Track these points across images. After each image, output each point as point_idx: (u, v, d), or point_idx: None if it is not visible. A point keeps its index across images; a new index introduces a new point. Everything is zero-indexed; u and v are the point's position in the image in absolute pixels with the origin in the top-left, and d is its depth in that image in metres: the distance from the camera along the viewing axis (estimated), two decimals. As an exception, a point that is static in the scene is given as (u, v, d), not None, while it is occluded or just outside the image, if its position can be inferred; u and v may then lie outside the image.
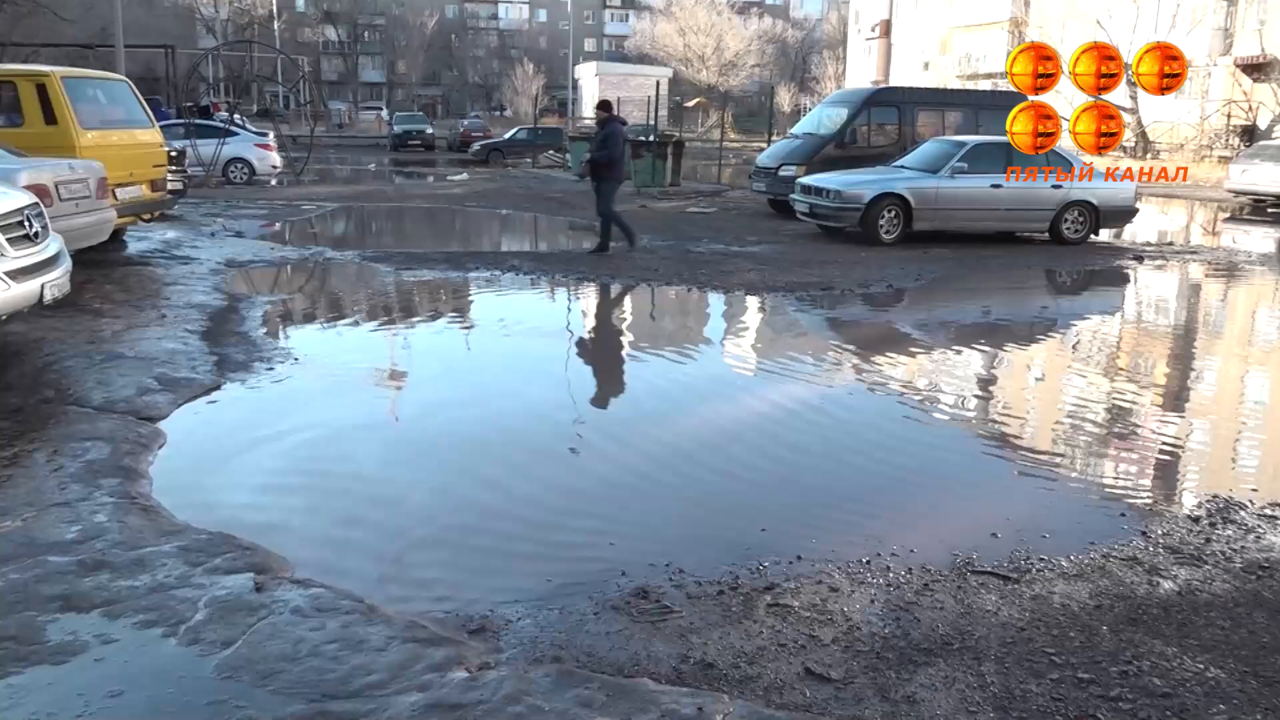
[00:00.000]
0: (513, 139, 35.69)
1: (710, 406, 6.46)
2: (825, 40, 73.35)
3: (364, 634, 3.19)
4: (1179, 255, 14.56)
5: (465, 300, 10.11)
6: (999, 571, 3.86)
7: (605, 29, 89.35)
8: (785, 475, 5.15)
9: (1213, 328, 10.35)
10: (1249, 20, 36.83)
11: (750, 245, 13.45)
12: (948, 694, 2.99)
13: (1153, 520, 4.51)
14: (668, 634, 3.33)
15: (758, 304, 9.99)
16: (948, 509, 4.76)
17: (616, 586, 3.66)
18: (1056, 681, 3.07)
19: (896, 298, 10.48)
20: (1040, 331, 9.60)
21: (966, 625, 3.43)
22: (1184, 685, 3.07)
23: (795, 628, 3.38)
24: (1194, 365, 8.50)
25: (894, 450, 5.70)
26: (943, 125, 17.33)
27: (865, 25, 62.27)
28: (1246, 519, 4.49)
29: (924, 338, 9.04)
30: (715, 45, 68.21)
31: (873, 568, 3.87)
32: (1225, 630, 3.44)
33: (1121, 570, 3.91)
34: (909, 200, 13.20)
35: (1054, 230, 13.94)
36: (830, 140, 17.01)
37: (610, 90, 44.70)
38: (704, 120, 58.18)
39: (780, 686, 3.02)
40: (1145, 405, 6.93)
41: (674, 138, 25.34)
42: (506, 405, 6.26)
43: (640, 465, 5.23)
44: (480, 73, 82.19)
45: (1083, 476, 5.34)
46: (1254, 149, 24.60)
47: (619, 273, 11.11)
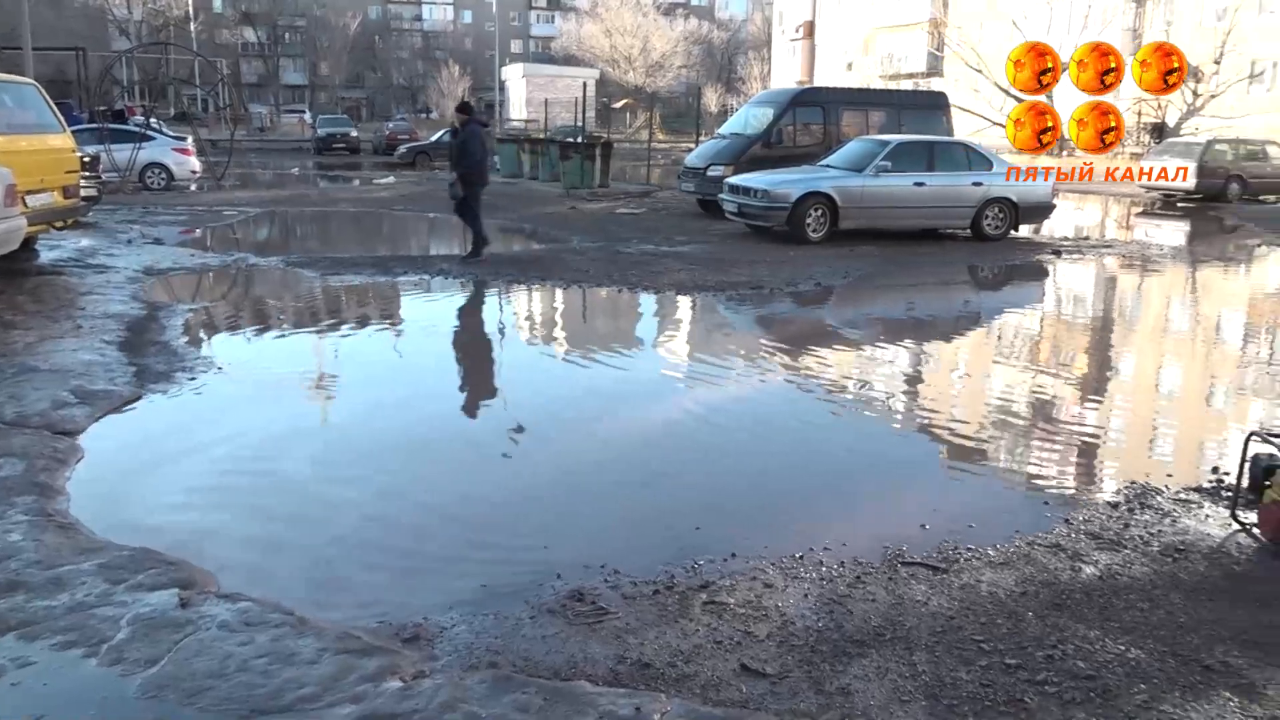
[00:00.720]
0: (440, 141, 35.27)
1: (643, 407, 6.47)
2: (750, 41, 74.04)
3: (294, 647, 3.13)
4: (1095, 249, 14.99)
5: (394, 305, 9.99)
6: (928, 562, 3.93)
7: (531, 30, 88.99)
8: (719, 473, 5.18)
9: (1128, 319, 10.68)
10: (1156, 21, 38.10)
11: (680, 245, 13.51)
12: (881, 684, 3.04)
13: (1074, 508, 4.64)
14: (604, 635, 3.33)
15: (689, 304, 10.04)
16: (878, 502, 4.84)
17: (552, 589, 3.65)
18: (985, 668, 3.13)
19: (825, 295, 10.61)
20: (964, 326, 9.81)
21: (898, 616, 3.49)
22: (1106, 667, 3.16)
23: (731, 625, 3.40)
24: (1111, 356, 8.76)
25: (825, 445, 5.78)
26: (866, 125, 17.60)
27: (789, 26, 62.95)
28: (1163, 504, 4.64)
29: (852, 334, 9.18)
30: (642, 46, 68.38)
31: (806, 562, 3.91)
32: (1144, 612, 3.55)
33: (1045, 557, 4.01)
34: (835, 199, 13.38)
35: (975, 226, 14.25)
36: (757, 140, 17.16)
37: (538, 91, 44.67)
38: (632, 121, 58.22)
39: (717, 684, 3.04)
40: (1066, 396, 7.13)
41: (602, 139, 25.38)
42: (438, 409, 6.21)
43: (574, 467, 5.22)
44: (405, 74, 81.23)
45: (1008, 467, 5.48)
46: (1163, 145, 25.46)
47: (549, 274, 11.07)
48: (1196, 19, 36.20)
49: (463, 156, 11.69)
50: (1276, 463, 4.24)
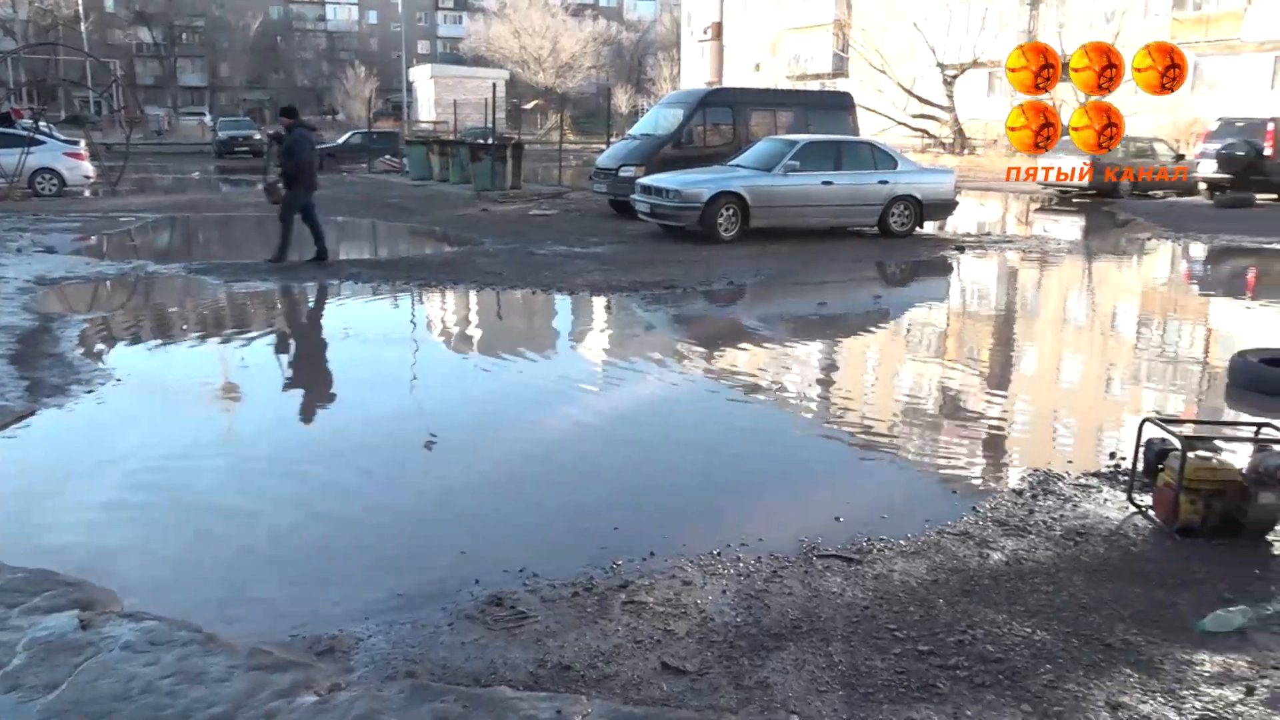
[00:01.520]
0: (346, 144, 34.62)
1: (558, 409, 6.44)
2: (659, 42, 74.32)
3: (203, 665, 3.04)
4: (996, 244, 15.44)
5: (303, 310, 9.78)
6: (843, 554, 4.00)
7: (439, 31, 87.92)
8: (637, 473, 5.20)
9: (1030, 312, 11.03)
10: (1049, 23, 39.39)
11: (593, 246, 13.51)
12: (799, 676, 3.08)
13: (982, 496, 4.78)
14: (524, 640, 3.31)
15: (603, 304, 10.04)
16: (794, 497, 4.91)
17: (470, 595, 3.62)
18: (899, 656, 3.20)
19: (738, 294, 10.72)
20: (874, 321, 10.01)
21: (814, 608, 3.54)
22: (1014, 649, 3.26)
23: (650, 623, 3.41)
24: (1014, 348, 9.04)
25: (741, 442, 5.84)
26: (775, 125, 17.82)
27: (697, 27, 63.43)
28: (1064, 489, 4.81)
29: (766, 332, 9.29)
30: (551, 47, 68.13)
31: (724, 558, 3.94)
32: (1049, 594, 3.67)
33: (955, 545, 4.11)
34: (746, 198, 13.52)
35: (882, 224, 14.55)
36: (668, 141, 17.25)
37: (446, 93, 44.21)
38: (543, 122, 58.04)
39: (637, 683, 3.05)
40: (972, 387, 7.33)
41: (513, 140, 25.21)
42: (348, 416, 6.09)
43: (490, 471, 5.17)
44: (309, 76, 79.53)
45: (918, 458, 5.61)
46: (1059, 143, 26.29)
47: (462, 277, 10.97)
48: (1087, 21, 37.52)
49: (287, 159, 11.43)
50: (1169, 447, 4.42)
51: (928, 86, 39.72)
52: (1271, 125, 21.27)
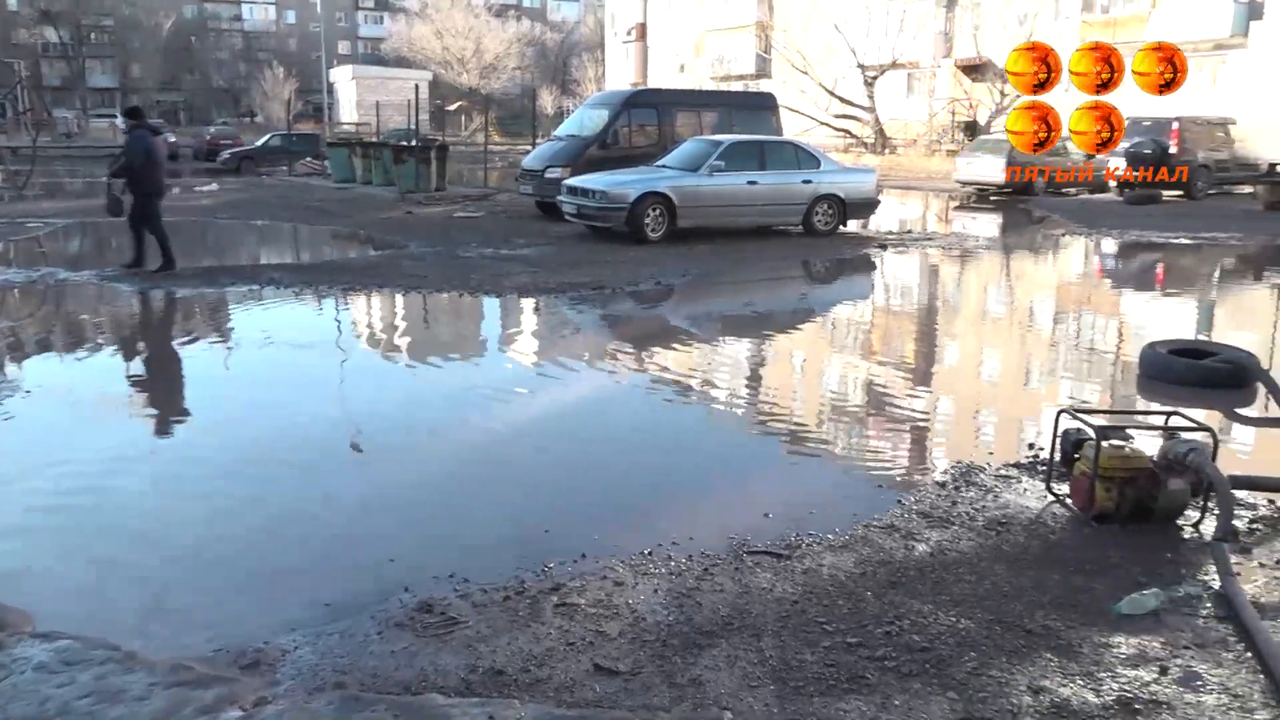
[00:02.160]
0: (266, 146, 33.91)
1: (488, 411, 6.40)
2: (584, 43, 74.28)
3: (122, 684, 2.95)
4: (918, 242, 15.76)
5: (223, 317, 9.55)
6: (773, 550, 4.04)
7: (359, 31, 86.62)
8: (567, 475, 5.18)
9: (951, 307, 11.27)
10: (965, 25, 40.31)
11: (520, 248, 13.44)
12: (730, 672, 3.10)
13: (907, 489, 4.87)
14: (455, 646, 3.28)
15: (532, 306, 10.00)
16: (724, 494, 4.94)
17: (399, 602, 3.57)
18: (829, 649, 3.25)
19: (666, 294, 10.76)
20: (801, 319, 10.14)
21: (745, 604, 3.57)
22: (940, 638, 3.32)
23: (583, 625, 3.41)
24: (937, 343, 9.23)
25: (672, 441, 5.86)
26: (700, 125, 17.92)
27: (621, 28, 63.49)
28: (985, 480, 4.92)
29: (694, 331, 9.35)
30: (475, 48, 67.62)
31: (655, 558, 3.96)
32: (972, 584, 3.76)
33: (881, 538, 4.18)
34: (672, 199, 13.57)
35: (806, 223, 14.72)
36: (594, 141, 17.23)
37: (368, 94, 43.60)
38: (467, 123, 57.60)
39: (570, 685, 3.04)
40: (897, 383, 7.46)
41: (437, 142, 24.97)
42: (275, 424, 5.97)
43: (418, 477, 5.12)
44: (226, 76, 77.69)
45: (845, 453, 5.70)
46: (976, 143, 26.96)
47: (387, 281, 10.82)
48: (1001, 24, 38.48)
49: (115, 162, 11.04)
50: (1084, 437, 4.56)
51: (849, 87, 40.34)
52: (1176, 124, 22.05)
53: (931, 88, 41.18)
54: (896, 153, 37.29)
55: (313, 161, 30.32)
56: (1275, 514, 4.51)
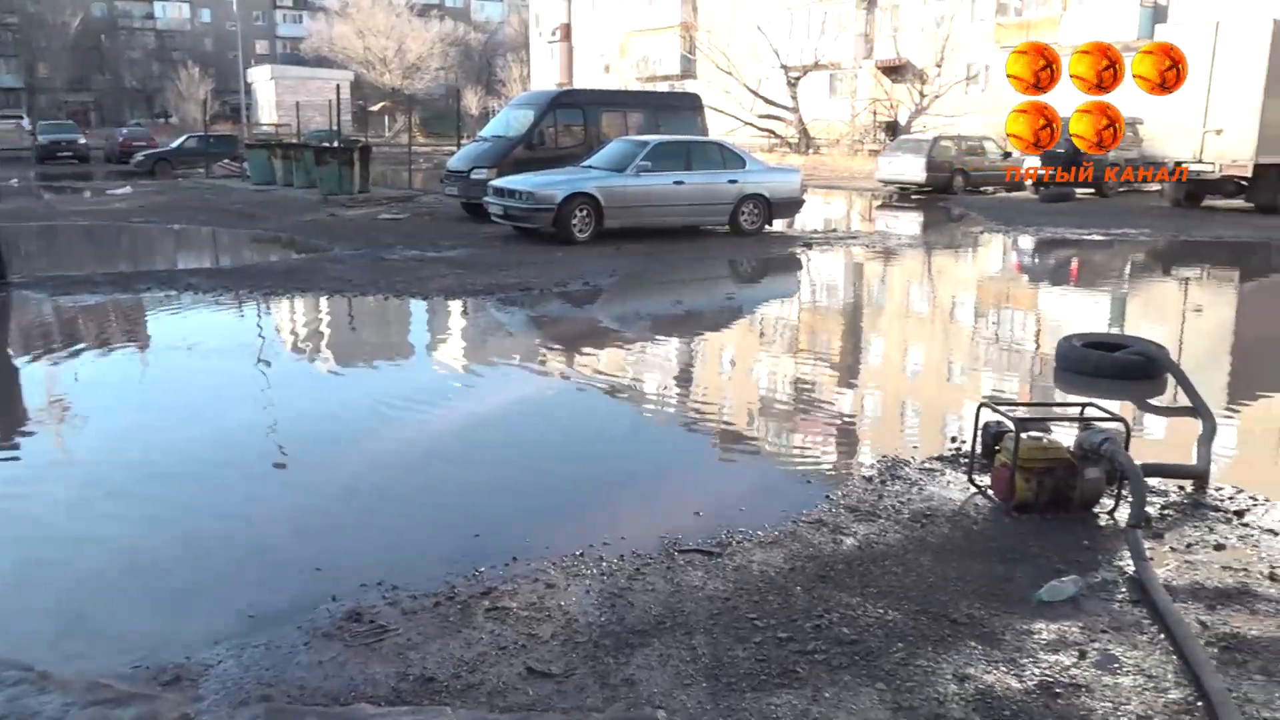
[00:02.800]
0: (182, 148, 33.06)
1: (416, 416, 6.32)
2: (508, 43, 73.80)
3: (35, 705, 2.85)
4: (842, 240, 16.00)
5: (140, 324, 9.28)
6: (703, 548, 4.06)
7: (278, 30, 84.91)
8: (497, 478, 5.15)
9: (875, 304, 11.47)
10: (885, 27, 41.07)
11: (446, 250, 13.31)
12: (663, 671, 3.11)
13: (834, 484, 4.93)
14: (385, 654, 3.23)
15: (459, 308, 9.91)
16: (655, 494, 4.96)
17: (327, 612, 3.51)
18: (760, 644, 3.28)
19: (594, 294, 10.76)
20: (729, 318, 10.21)
21: (677, 603, 3.58)
22: (868, 630, 3.38)
23: (515, 629, 3.39)
24: (862, 339, 9.38)
25: (601, 442, 5.86)
26: (625, 126, 17.95)
27: (546, 29, 63.31)
28: (910, 474, 5.02)
29: (623, 331, 9.35)
30: (397, 48, 66.77)
31: (586, 559, 3.95)
32: (899, 575, 3.82)
33: (810, 533, 4.24)
34: (599, 199, 13.57)
35: (733, 222, 14.84)
36: (519, 142, 17.14)
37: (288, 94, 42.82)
38: (391, 124, 56.83)
39: (503, 690, 3.02)
40: (824, 379, 7.56)
41: (360, 143, 24.60)
42: (195, 433, 5.81)
43: (345, 483, 5.03)
44: (138, 76, 75.58)
45: (774, 450, 5.77)
46: (897, 143, 27.49)
47: (310, 285, 10.63)
48: (919, 25, 39.29)
49: None
50: (1004, 429, 4.67)
51: (773, 88, 40.80)
52: (1087, 124, 22.71)
53: (853, 88, 41.88)
54: (820, 152, 37.81)
55: (231, 163, 29.66)
56: (1185, 500, 4.68)
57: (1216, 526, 4.35)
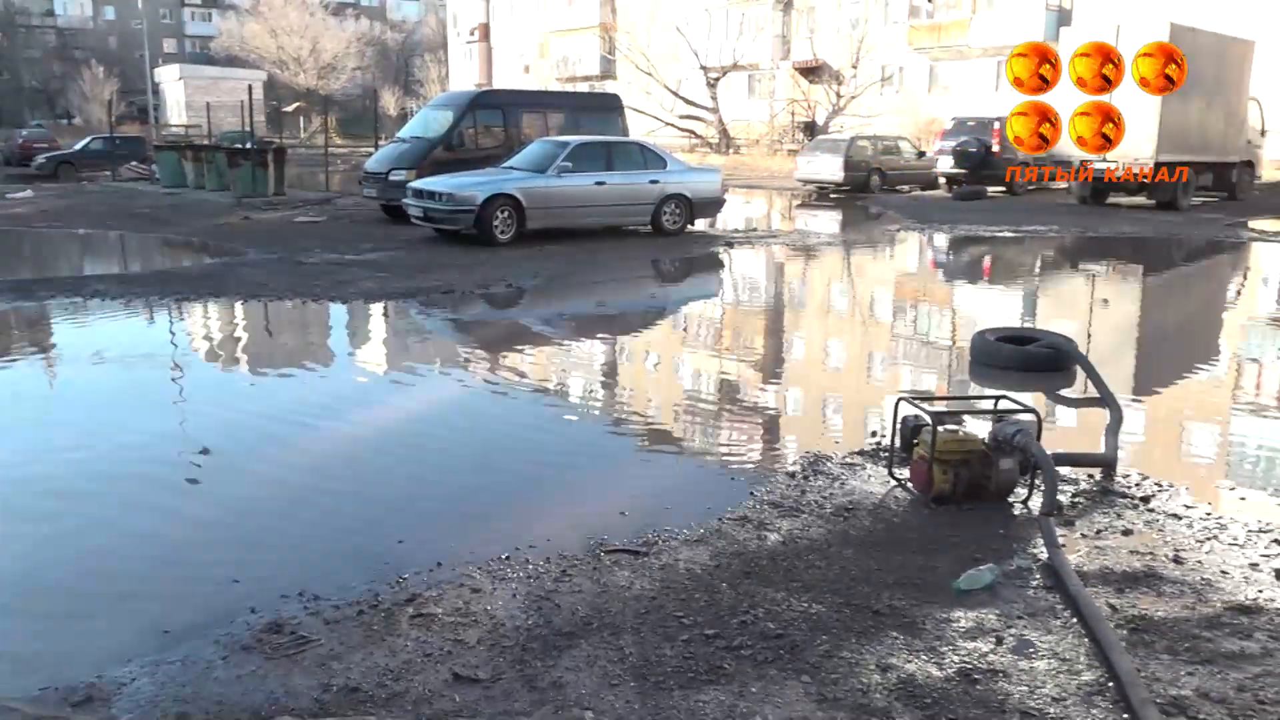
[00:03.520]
0: (86, 150, 31.94)
1: (335, 422, 6.21)
2: (426, 43, 73.00)
3: (-64, 732, 2.73)
4: (763, 239, 16.18)
5: (43, 332, 8.95)
6: (630, 548, 4.06)
7: (186, 29, 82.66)
8: (420, 483, 5.09)
9: (797, 302, 11.62)
10: (801, 29, 41.63)
11: (366, 253, 13.10)
12: (591, 672, 3.11)
13: (758, 481, 4.98)
14: (307, 665, 3.17)
15: (380, 312, 9.77)
16: (580, 495, 4.95)
17: (246, 624, 3.43)
18: (687, 642, 3.29)
19: (517, 296, 10.69)
20: (653, 318, 10.26)
21: (604, 603, 3.58)
22: (793, 624, 3.42)
23: (440, 635, 3.35)
24: (784, 337, 9.50)
25: (527, 444, 5.83)
26: (546, 126, 17.89)
27: (464, 29, 62.80)
28: (833, 469, 5.09)
29: (547, 332, 9.32)
30: (311, 47, 65.53)
31: (512, 562, 3.92)
32: (822, 569, 3.88)
33: (735, 530, 4.27)
34: (521, 200, 13.49)
35: (655, 222, 14.88)
36: (439, 143, 16.96)
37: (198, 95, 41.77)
38: (307, 125, 55.76)
39: (429, 697, 2.98)
40: (748, 377, 7.64)
41: (274, 144, 24.09)
42: (103, 446, 5.62)
43: (263, 492, 4.92)
44: (38, 76, 72.85)
45: (699, 448, 5.80)
46: (815, 143, 27.88)
47: (224, 290, 10.37)
48: (835, 27, 39.92)
49: None
50: (922, 423, 4.77)
51: (692, 88, 41.07)
52: (998, 124, 23.33)
53: (772, 89, 42.37)
54: (740, 152, 38.17)
55: (139, 166, 28.79)
56: (1095, 488, 4.84)
57: (1124, 513, 4.51)
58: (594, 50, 50.09)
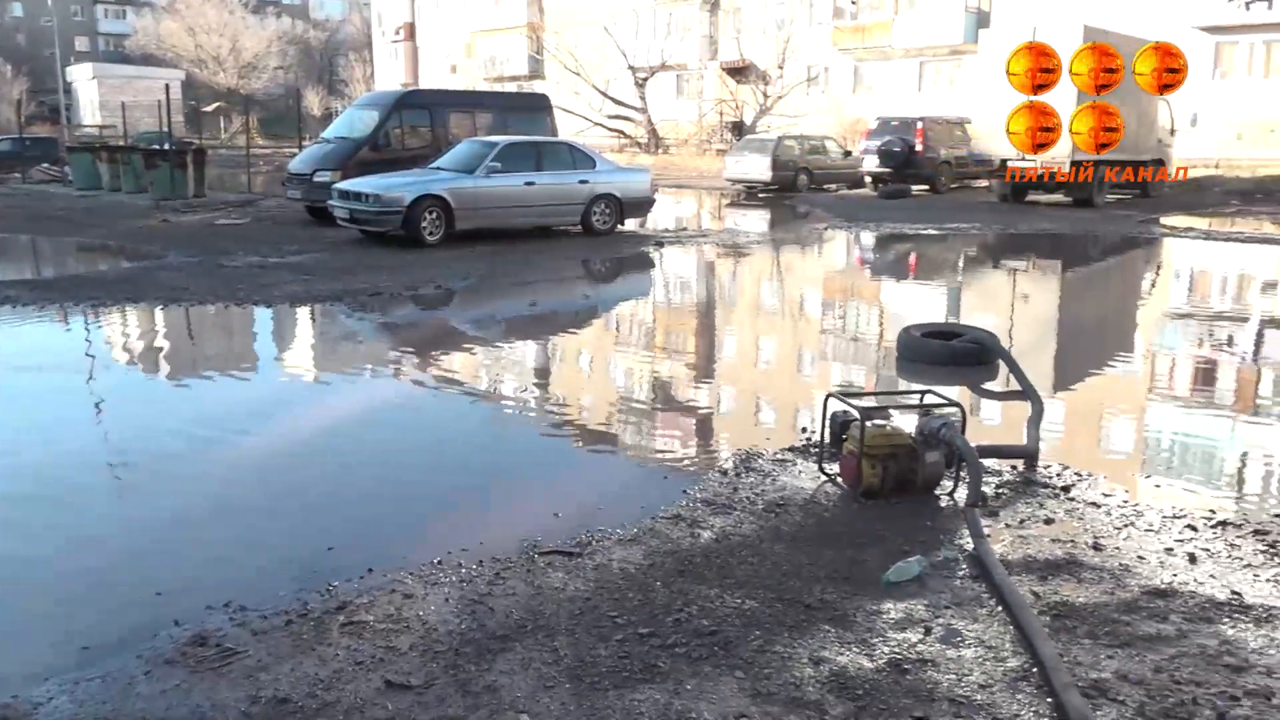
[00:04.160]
0: (-2, 151, 30.91)
1: (261, 428, 6.09)
2: (350, 42, 71.88)
3: None
4: (693, 239, 16.27)
5: (-51, 342, 8.61)
6: (563, 549, 4.05)
7: (100, 27, 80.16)
8: (350, 489, 5.01)
9: (727, 300, 11.71)
10: (728, 29, 41.94)
11: (291, 255, 12.86)
12: (526, 675, 3.09)
13: (691, 479, 5.01)
14: (234, 678, 3.10)
15: (306, 315, 9.60)
16: (514, 497, 4.92)
17: (169, 638, 3.34)
18: (621, 641, 3.29)
19: (447, 298, 10.59)
20: (585, 319, 10.24)
21: (538, 605, 3.56)
22: (726, 620, 3.44)
23: (372, 642, 3.30)
24: (715, 335, 9.56)
25: (458, 447, 5.78)
26: (474, 126, 17.76)
27: (389, 27, 62.01)
28: (764, 465, 5.14)
29: (478, 334, 9.26)
30: (231, 46, 64.14)
31: (445, 567, 3.88)
32: (754, 565, 3.91)
33: (668, 528, 4.28)
34: (449, 201, 13.37)
35: (585, 222, 14.87)
36: (364, 143, 16.72)
37: (113, 94, 40.63)
38: (227, 125, 54.58)
39: (360, 706, 2.94)
40: (680, 376, 7.67)
41: (194, 145, 23.54)
42: (19, 457, 5.43)
43: (188, 503, 4.80)
44: (-58, 75, 70.09)
45: (632, 448, 5.81)
46: (743, 142, 28.11)
47: (143, 295, 10.09)
48: (761, 27, 40.29)
49: None
50: (850, 418, 4.83)
51: (621, 88, 41.10)
52: (920, 124, 23.81)
53: (700, 89, 42.61)
54: (669, 152, 38.31)
55: (51, 168, 27.90)
56: (1018, 478, 4.95)
57: (1046, 502, 4.63)
58: (522, 50, 49.84)
